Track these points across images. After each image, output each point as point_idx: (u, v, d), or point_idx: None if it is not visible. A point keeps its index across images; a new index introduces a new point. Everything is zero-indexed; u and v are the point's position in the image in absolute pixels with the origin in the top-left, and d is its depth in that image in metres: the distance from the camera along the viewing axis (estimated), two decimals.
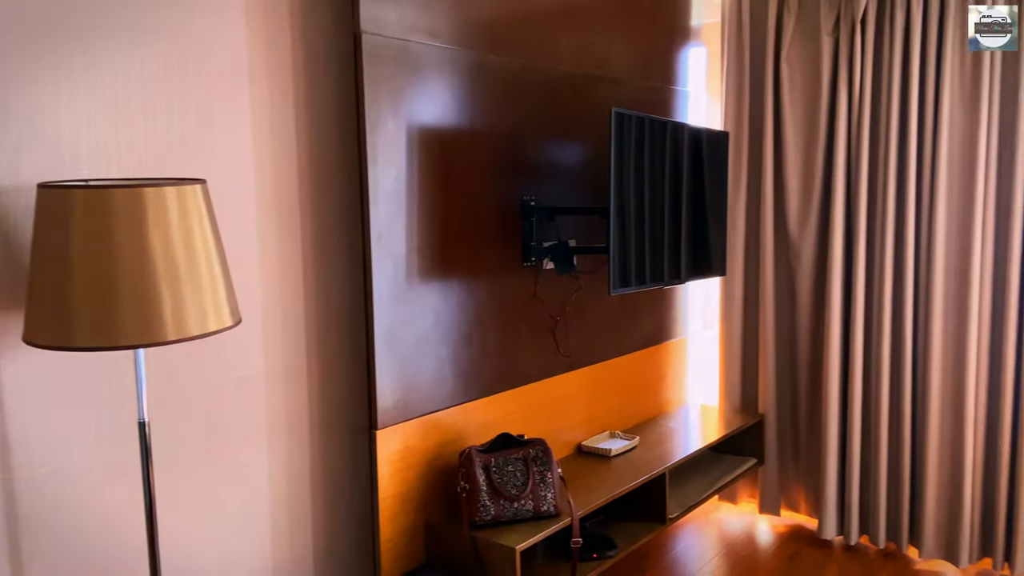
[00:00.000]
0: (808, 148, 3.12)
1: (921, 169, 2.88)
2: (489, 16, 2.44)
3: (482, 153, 2.46)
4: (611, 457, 2.85)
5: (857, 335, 3.01)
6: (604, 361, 3.04)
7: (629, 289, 2.59)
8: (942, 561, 2.93)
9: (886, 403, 2.97)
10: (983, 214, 2.77)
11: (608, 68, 2.94)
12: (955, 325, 2.84)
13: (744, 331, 3.38)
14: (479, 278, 2.48)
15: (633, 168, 2.58)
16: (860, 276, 2.99)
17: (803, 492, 3.30)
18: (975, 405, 2.81)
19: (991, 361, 2.83)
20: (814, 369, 3.20)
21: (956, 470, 2.85)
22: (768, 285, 3.23)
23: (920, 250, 2.91)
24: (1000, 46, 1.85)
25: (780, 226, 3.22)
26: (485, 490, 2.28)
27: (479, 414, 2.51)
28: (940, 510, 2.90)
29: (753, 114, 3.26)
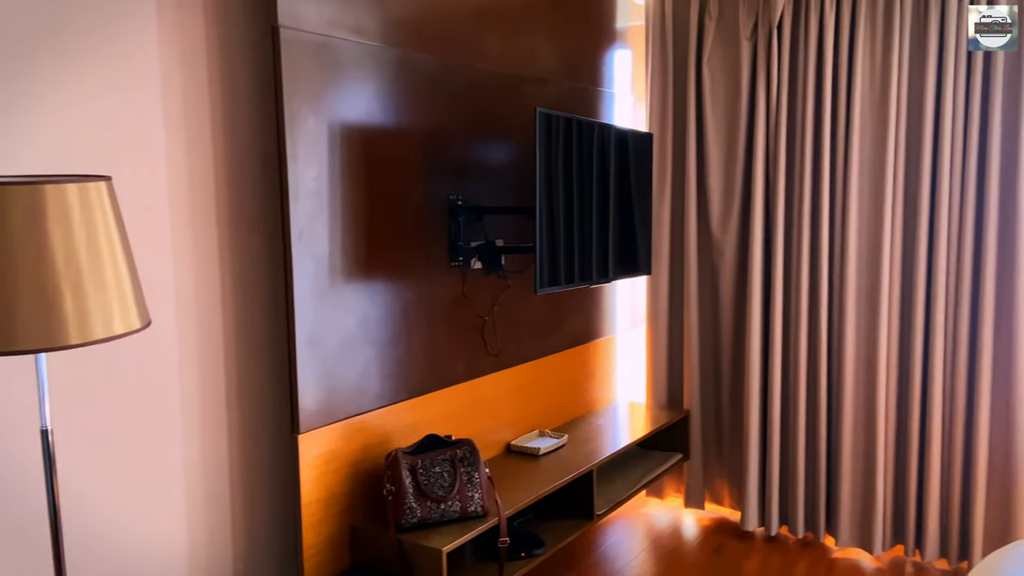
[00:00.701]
0: (729, 150, 3.20)
1: (835, 170, 2.99)
2: (414, 14, 2.42)
3: (408, 152, 2.44)
4: (540, 456, 2.85)
5: (776, 332, 3.10)
6: (533, 360, 3.05)
7: (555, 288, 2.61)
8: (857, 549, 3.05)
9: (804, 399, 3.06)
10: (892, 214, 2.88)
11: (535, 68, 2.95)
12: (867, 322, 2.95)
13: (670, 329, 3.44)
14: (406, 278, 2.45)
15: (561, 168, 2.60)
16: (779, 275, 3.08)
17: (726, 486, 3.38)
18: (886, 400, 2.93)
19: (900, 357, 2.95)
20: (736, 366, 3.28)
21: (869, 462, 2.96)
22: (692, 284, 3.30)
23: (834, 249, 3.01)
24: (1000, 46, 1.88)
25: (703, 226, 3.30)
26: (411, 492, 2.25)
27: (406, 415, 2.48)
28: (855, 501, 3.01)
29: (677, 116, 3.32)
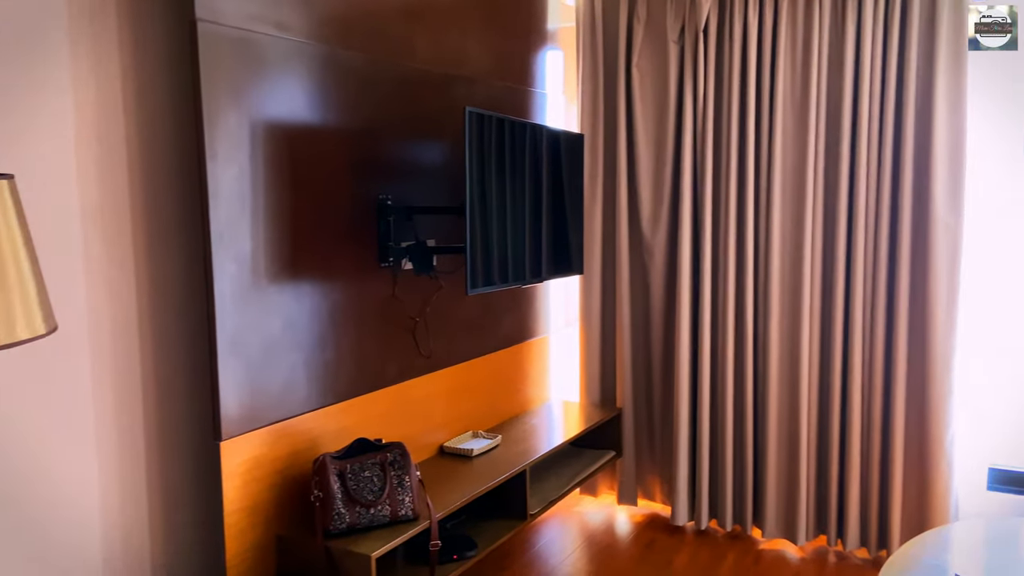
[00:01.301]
0: (658, 151, 3.24)
1: (759, 171, 3.06)
2: (341, 11, 2.37)
3: (336, 151, 2.39)
4: (473, 457, 2.84)
5: (705, 331, 3.15)
6: (467, 361, 3.03)
7: (487, 289, 2.60)
8: (783, 540, 3.13)
9: (731, 395, 3.13)
10: (812, 213, 2.97)
11: (465, 67, 2.93)
12: (790, 320, 3.03)
13: (603, 328, 3.47)
14: (334, 279, 2.40)
15: (493, 168, 2.59)
16: (707, 275, 3.14)
17: (658, 482, 3.43)
18: (808, 396, 3.01)
19: (821, 354, 3.03)
20: (667, 364, 3.33)
21: (793, 457, 3.04)
22: (624, 283, 3.34)
23: (759, 249, 3.09)
24: (1000, 46, 1.90)
25: (634, 226, 3.33)
26: (340, 498, 2.21)
27: (335, 419, 2.44)
28: (780, 494, 3.09)
29: (607, 118, 3.35)
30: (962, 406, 2.81)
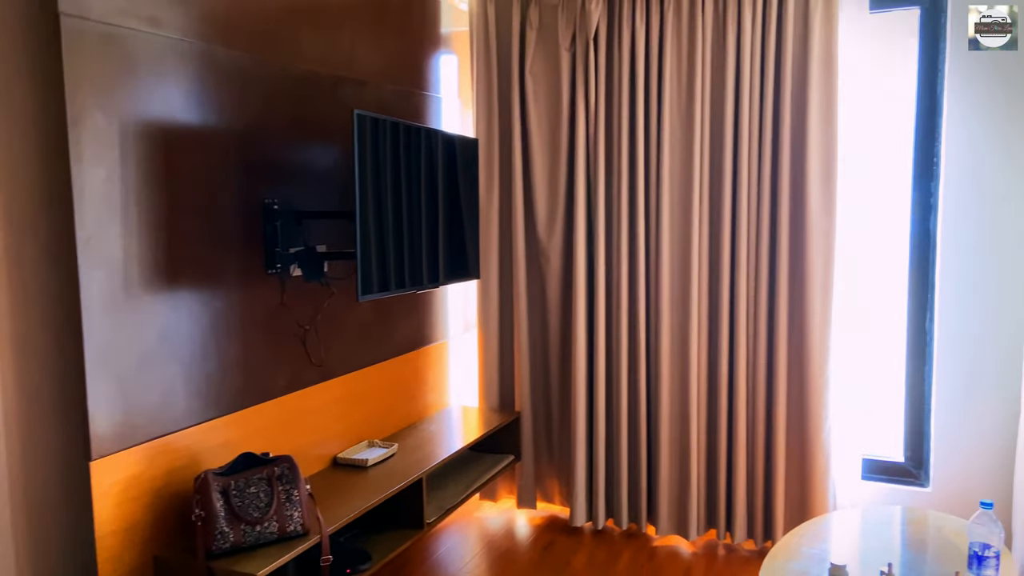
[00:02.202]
0: (553, 156, 3.28)
1: (648, 177, 3.14)
2: (220, 7, 2.28)
3: (217, 153, 2.29)
4: (368, 467, 2.78)
5: (600, 334, 3.20)
6: (361, 369, 2.97)
7: (380, 295, 2.55)
8: (675, 536, 3.21)
9: (625, 398, 3.19)
10: (699, 219, 3.06)
11: (356, 70, 2.88)
12: (679, 323, 3.12)
13: (501, 332, 3.48)
14: (216, 287, 2.30)
15: (388, 172, 2.55)
16: (601, 279, 3.19)
17: (557, 484, 3.46)
18: (697, 396, 3.10)
19: (709, 355, 3.13)
20: (564, 368, 3.37)
21: (684, 455, 3.12)
22: (521, 288, 3.35)
23: (650, 253, 3.16)
24: (1000, 46, 1.92)
25: (530, 230, 3.35)
26: (223, 516, 2.12)
27: (219, 434, 2.34)
28: (672, 491, 3.17)
29: (502, 123, 3.36)
30: (838, 400, 2.96)
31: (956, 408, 2.94)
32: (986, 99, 2.81)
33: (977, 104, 2.82)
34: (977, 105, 2.82)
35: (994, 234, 2.84)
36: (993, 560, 1.93)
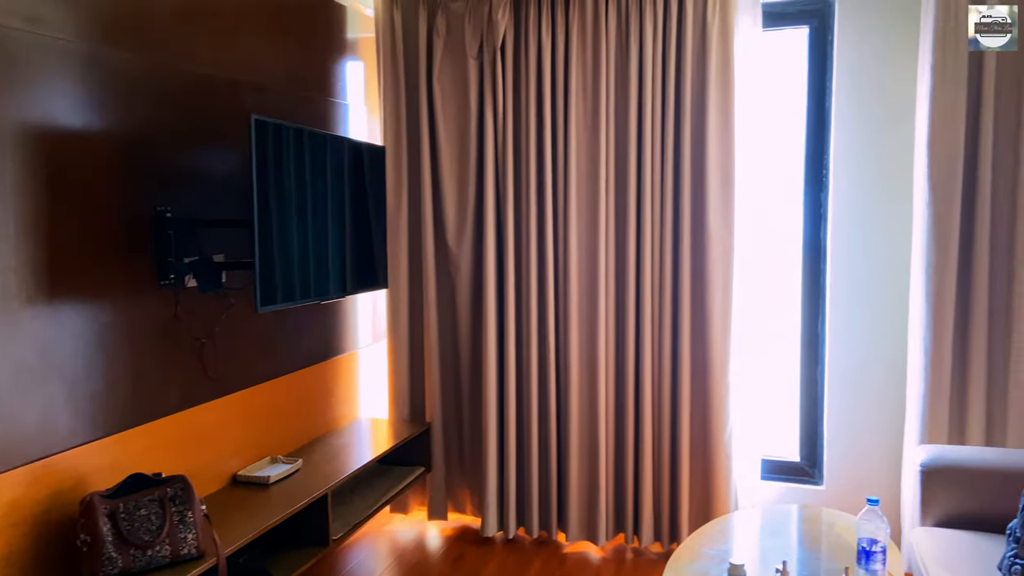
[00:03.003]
0: (462, 165, 3.27)
1: (556, 187, 3.17)
2: (106, 7, 2.18)
3: (103, 159, 2.18)
4: (270, 484, 2.69)
5: (510, 344, 3.21)
6: (265, 382, 2.88)
7: (281, 305, 2.48)
8: (585, 542, 3.24)
9: (536, 406, 3.21)
10: (606, 231, 3.11)
11: (256, 74, 2.80)
12: (587, 333, 3.16)
13: (411, 342, 3.44)
14: (102, 300, 2.19)
15: (292, 179, 2.48)
16: (510, 288, 3.20)
17: (468, 495, 3.44)
18: (605, 404, 3.15)
19: (616, 364, 3.17)
20: (475, 377, 3.35)
21: (593, 462, 3.16)
22: (431, 297, 3.33)
23: (559, 262, 3.19)
24: (1000, 46, 1.92)
25: (440, 239, 3.33)
26: (111, 541, 2.00)
27: (106, 454, 2.21)
28: (582, 498, 3.20)
29: (410, 130, 3.33)
30: (739, 404, 3.05)
31: (847, 409, 3.08)
32: (869, 113, 2.96)
33: (860, 118, 2.97)
34: (860, 119, 2.97)
35: (878, 242, 3.00)
36: (880, 555, 2.02)
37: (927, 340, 2.78)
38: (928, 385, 2.78)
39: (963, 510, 2.44)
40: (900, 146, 2.93)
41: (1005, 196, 2.73)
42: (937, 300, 2.76)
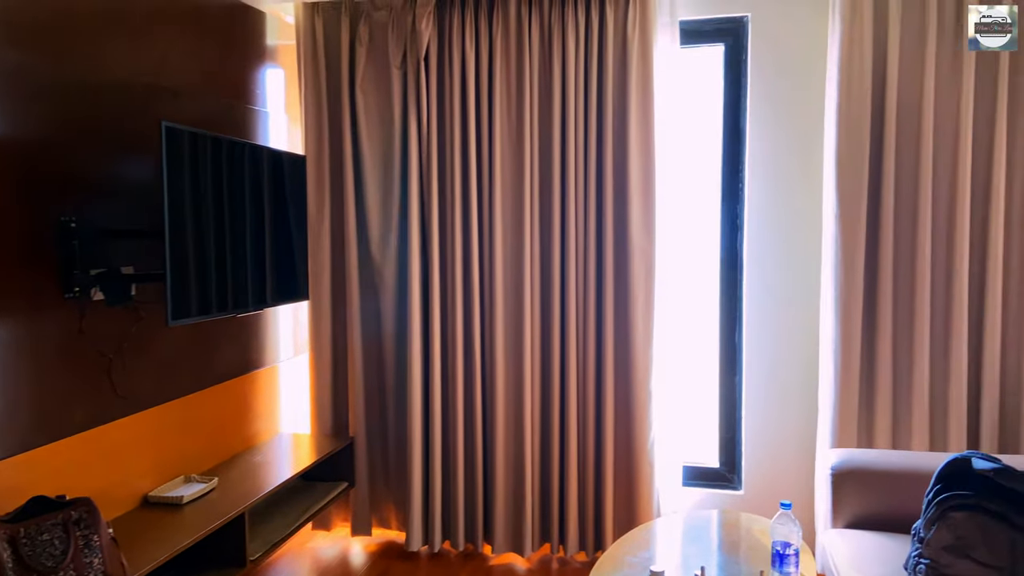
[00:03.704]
0: (386, 175, 3.24)
1: (481, 198, 3.17)
2: (7, 6, 2.07)
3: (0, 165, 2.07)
4: (183, 505, 2.59)
5: (435, 356, 3.19)
6: (179, 398, 2.78)
7: (196, 318, 2.40)
8: (511, 553, 3.23)
9: (461, 418, 3.19)
10: (530, 243, 3.12)
11: (170, 79, 2.71)
12: (513, 345, 3.16)
13: (334, 355, 3.38)
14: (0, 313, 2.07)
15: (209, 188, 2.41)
16: (436, 299, 3.18)
17: (393, 509, 3.39)
18: (531, 415, 3.15)
19: (542, 376, 3.19)
20: (400, 388, 3.31)
21: (519, 473, 3.16)
22: (355, 308, 3.27)
23: (484, 274, 3.19)
24: (1000, 46, 1.91)
25: (364, 250, 3.29)
26: (11, 567, 1.89)
27: (6, 477, 2.09)
28: (508, 509, 3.19)
29: (333, 139, 3.28)
30: (661, 412, 3.11)
31: (764, 415, 3.17)
32: (781, 128, 3.07)
33: (773, 133, 3.08)
34: (773, 134, 3.08)
35: (791, 252, 3.10)
36: (793, 557, 2.08)
37: (836, 348, 2.89)
38: (838, 391, 2.89)
39: (872, 511, 2.53)
40: (811, 160, 3.05)
41: (907, 209, 2.86)
42: (845, 310, 2.87)
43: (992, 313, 2.78)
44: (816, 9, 2.99)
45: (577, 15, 3.02)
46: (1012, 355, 2.81)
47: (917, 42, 2.76)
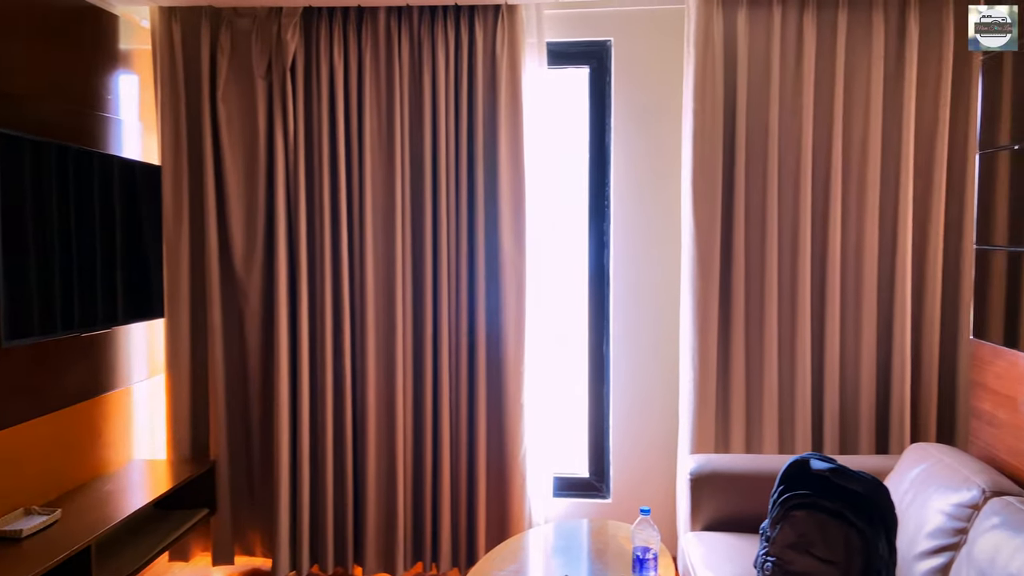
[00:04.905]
0: (250, 188, 3.13)
1: (352, 212, 3.13)
2: None
3: None
4: (22, 539, 2.39)
5: (304, 372, 3.10)
6: (17, 425, 2.56)
7: (37, 338, 2.23)
8: (383, 574, 3.18)
9: (331, 437, 3.12)
10: (402, 257, 3.10)
11: (12, 84, 2.51)
12: (385, 361, 3.14)
13: (193, 375, 3.22)
14: None
15: (54, 200, 2.24)
16: (304, 314, 3.10)
17: (258, 535, 3.26)
18: (403, 435, 3.13)
19: (415, 390, 3.17)
20: (265, 409, 3.20)
21: (391, 492, 3.12)
22: (216, 325, 3.14)
23: (355, 289, 3.14)
24: (1000, 46, 1.88)
25: (227, 265, 3.16)
26: None
27: None
28: (379, 528, 3.14)
29: (192, 149, 3.15)
30: (533, 424, 3.15)
31: (630, 424, 3.28)
32: (643, 148, 3.21)
33: (636, 152, 3.21)
34: (636, 153, 3.21)
35: (654, 268, 3.24)
36: (652, 561, 2.16)
37: (694, 358, 3.03)
38: (696, 400, 3.03)
39: (727, 513, 2.67)
40: (671, 178, 3.20)
41: (757, 223, 3.04)
42: (702, 321, 3.02)
43: (832, 324, 3.00)
44: (673, 35, 3.15)
45: (447, 31, 3.04)
46: (850, 364, 3.04)
47: (763, 65, 2.97)
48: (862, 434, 2.99)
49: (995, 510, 1.95)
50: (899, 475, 2.41)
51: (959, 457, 2.30)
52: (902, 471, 2.42)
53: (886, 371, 3.01)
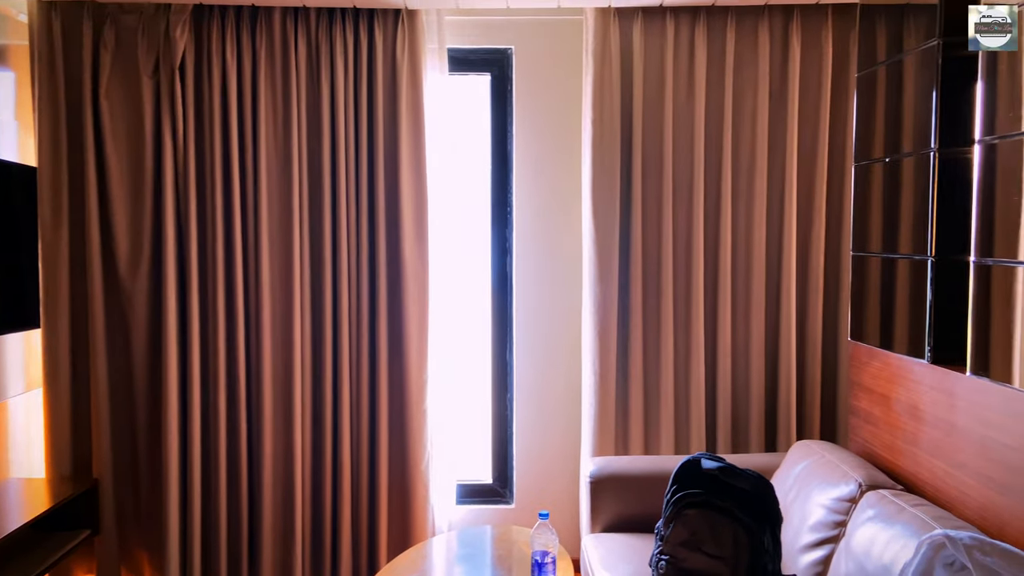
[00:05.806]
0: (136, 191, 3.00)
1: (246, 216, 3.03)
2: None
3: None
4: None
5: (194, 384, 2.98)
6: None
7: None
8: None
9: (224, 449, 3.01)
10: (300, 264, 3.03)
11: None
12: (282, 371, 3.05)
13: (74, 389, 3.04)
14: None
15: None
16: (195, 322, 2.98)
17: (146, 555, 3.11)
18: (301, 445, 3.05)
19: (314, 401, 3.09)
20: (153, 423, 3.06)
21: (288, 504, 3.04)
22: (99, 336, 2.98)
23: (249, 297, 3.04)
24: (1000, 46, 1.83)
25: (110, 272, 3.01)
26: None
27: None
28: (275, 544, 3.05)
29: (73, 150, 2.99)
30: (436, 431, 3.13)
31: (533, 430, 3.30)
32: (543, 156, 3.25)
33: (536, 160, 3.25)
34: (536, 161, 3.25)
35: (555, 275, 3.28)
36: (550, 564, 2.17)
37: (595, 362, 3.08)
38: (597, 403, 3.08)
39: (625, 514, 2.72)
40: (571, 184, 3.25)
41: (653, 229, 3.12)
42: (602, 325, 3.08)
43: (723, 328, 3.11)
44: (573, 44, 3.20)
45: (345, 34, 3.00)
46: (740, 367, 3.16)
47: (658, 76, 3.06)
48: (752, 433, 3.11)
49: (871, 503, 2.06)
50: (785, 471, 2.52)
51: (839, 453, 2.42)
52: (787, 467, 2.53)
53: (774, 373, 3.15)
